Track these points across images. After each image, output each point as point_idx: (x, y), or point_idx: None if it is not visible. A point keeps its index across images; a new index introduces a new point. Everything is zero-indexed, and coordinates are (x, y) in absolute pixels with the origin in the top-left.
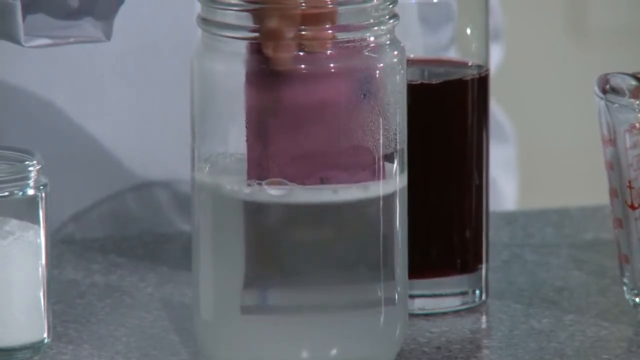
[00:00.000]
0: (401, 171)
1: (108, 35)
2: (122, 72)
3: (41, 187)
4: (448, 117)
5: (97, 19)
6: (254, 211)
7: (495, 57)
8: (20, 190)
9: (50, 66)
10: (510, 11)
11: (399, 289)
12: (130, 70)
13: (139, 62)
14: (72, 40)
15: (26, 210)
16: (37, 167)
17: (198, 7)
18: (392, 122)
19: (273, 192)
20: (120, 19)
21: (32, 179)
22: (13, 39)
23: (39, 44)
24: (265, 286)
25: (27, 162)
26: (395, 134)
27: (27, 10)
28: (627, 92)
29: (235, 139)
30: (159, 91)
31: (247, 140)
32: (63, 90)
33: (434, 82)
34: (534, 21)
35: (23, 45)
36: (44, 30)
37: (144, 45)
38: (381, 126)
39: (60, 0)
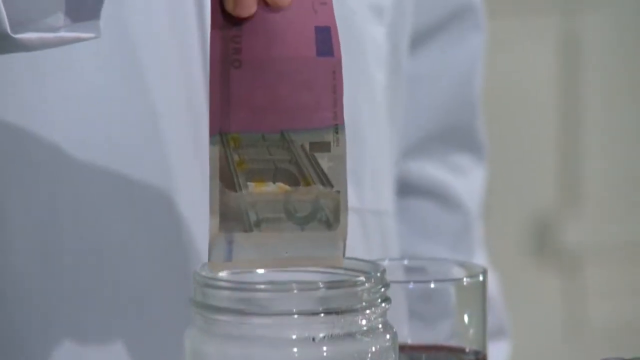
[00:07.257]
0: None
1: (97, 33)
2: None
3: None
4: None
5: (84, 20)
6: None
7: (502, 353)
8: None
9: (44, 262)
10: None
11: None
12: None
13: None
14: (62, 36)
15: None
16: None
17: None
18: None
19: None
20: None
21: None
22: None
23: (28, 37)
24: None
25: None
26: None
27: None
28: None
29: None
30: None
31: (209, 93)
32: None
33: None
34: (533, 318)
35: (10, 35)
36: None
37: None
38: None
39: (44, 24)
